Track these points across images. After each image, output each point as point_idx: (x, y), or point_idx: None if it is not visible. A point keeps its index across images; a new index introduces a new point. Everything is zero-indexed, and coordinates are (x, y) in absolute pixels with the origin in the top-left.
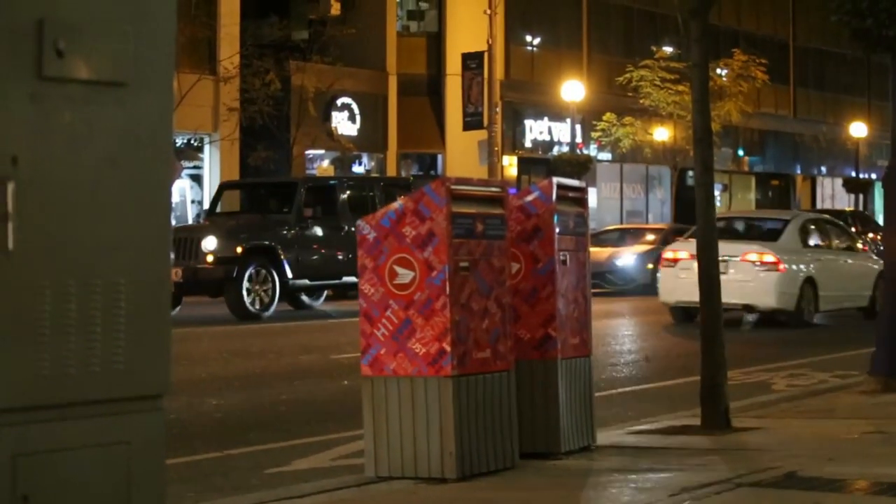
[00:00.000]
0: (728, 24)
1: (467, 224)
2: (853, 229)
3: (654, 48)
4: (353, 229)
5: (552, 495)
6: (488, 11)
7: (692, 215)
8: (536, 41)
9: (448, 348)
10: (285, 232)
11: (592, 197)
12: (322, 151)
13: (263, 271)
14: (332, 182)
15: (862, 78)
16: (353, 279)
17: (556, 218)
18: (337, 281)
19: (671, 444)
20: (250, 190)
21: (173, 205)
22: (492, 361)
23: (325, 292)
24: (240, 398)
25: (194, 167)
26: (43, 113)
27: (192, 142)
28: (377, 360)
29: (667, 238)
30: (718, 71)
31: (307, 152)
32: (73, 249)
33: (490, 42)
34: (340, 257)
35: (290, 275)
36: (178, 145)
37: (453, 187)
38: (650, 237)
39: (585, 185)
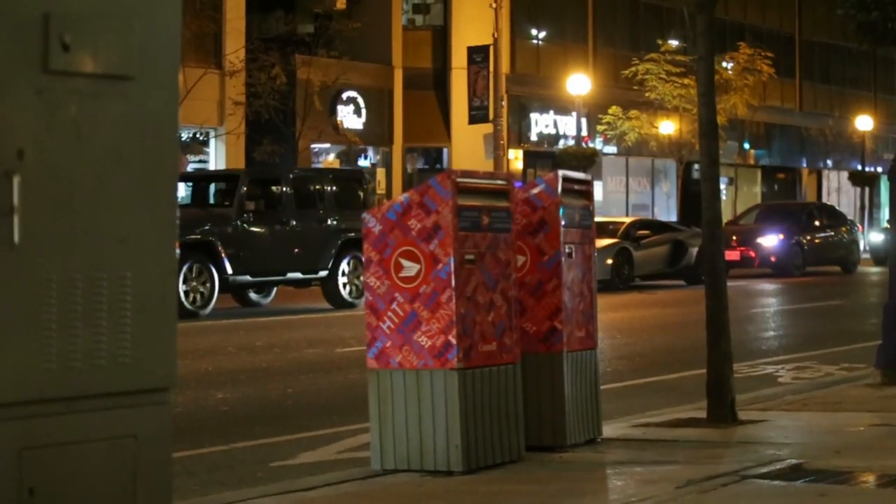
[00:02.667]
0: (734, 18)
1: (473, 217)
2: (817, 223)
3: (659, 41)
4: (298, 224)
5: (558, 488)
6: (494, 5)
7: (698, 209)
8: (542, 35)
9: (454, 341)
10: (225, 226)
11: (598, 190)
12: (328, 145)
13: (201, 267)
14: (277, 174)
15: (868, 71)
16: (298, 275)
17: (561, 211)
18: (281, 277)
19: (677, 436)
20: (195, 183)
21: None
22: (497, 354)
23: (275, 289)
24: (246, 392)
25: (200, 161)
26: (49, 106)
27: (197, 136)
28: (383, 353)
29: (629, 233)
30: (724, 64)
31: (313, 146)
32: (78, 243)
33: (496, 36)
34: (286, 253)
35: (229, 271)
36: (183, 139)
37: (459, 180)
38: (611, 231)
39: (591, 178)
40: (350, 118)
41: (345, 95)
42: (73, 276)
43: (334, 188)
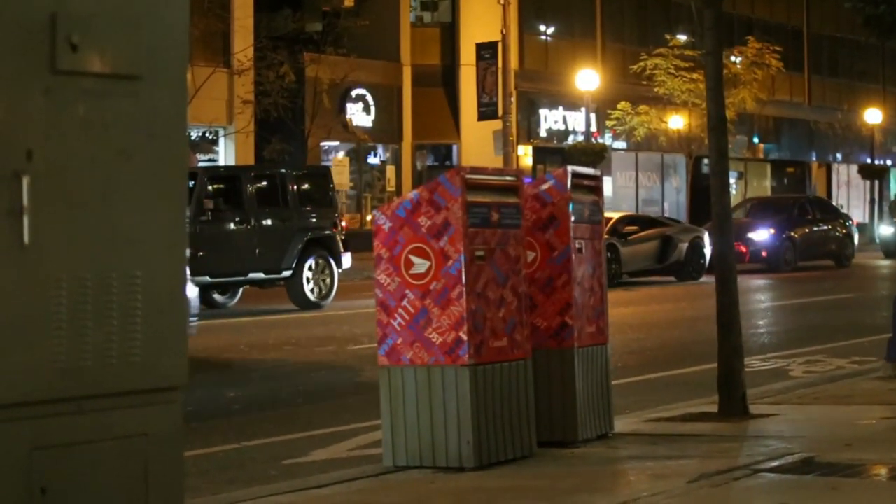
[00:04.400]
0: (742, 12)
1: (483, 213)
2: (809, 216)
3: (668, 36)
4: (260, 223)
5: (570, 483)
6: (502, 1)
7: (708, 203)
8: (550, 30)
9: (465, 337)
10: None
11: (608, 186)
12: (337, 143)
13: None
14: (237, 172)
15: (876, 65)
16: (260, 275)
17: (571, 206)
18: (243, 278)
19: (689, 431)
20: None
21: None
22: (508, 350)
23: (241, 291)
24: (257, 390)
25: (209, 160)
26: (57, 107)
27: (206, 135)
28: (394, 350)
29: (616, 229)
30: (732, 59)
31: (322, 144)
32: (88, 242)
33: (504, 32)
34: (247, 253)
35: (187, 272)
36: (192, 138)
37: (468, 176)
38: None
39: (600, 173)
40: (359, 116)
41: (353, 93)
42: (83, 275)
43: (299, 186)
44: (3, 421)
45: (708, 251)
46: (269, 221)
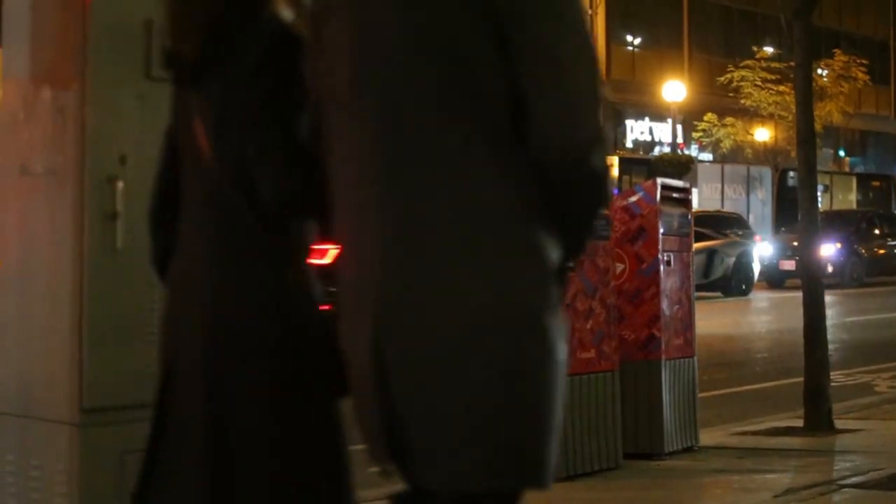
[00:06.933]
0: (828, 25)
1: None
2: (877, 231)
3: (754, 48)
4: None
5: (656, 495)
6: (589, 11)
7: (794, 216)
8: (637, 41)
9: None
10: None
11: (694, 198)
12: None
13: None
14: None
15: None
16: None
17: (660, 218)
18: None
19: (774, 445)
20: None
21: None
22: (596, 361)
23: None
24: None
25: None
26: (151, 113)
27: None
28: None
29: None
30: (819, 71)
31: None
32: None
33: None
34: None
35: None
36: None
37: None
38: None
39: (689, 185)
40: None
41: None
42: None
43: None
44: (95, 425)
45: (757, 266)
46: None
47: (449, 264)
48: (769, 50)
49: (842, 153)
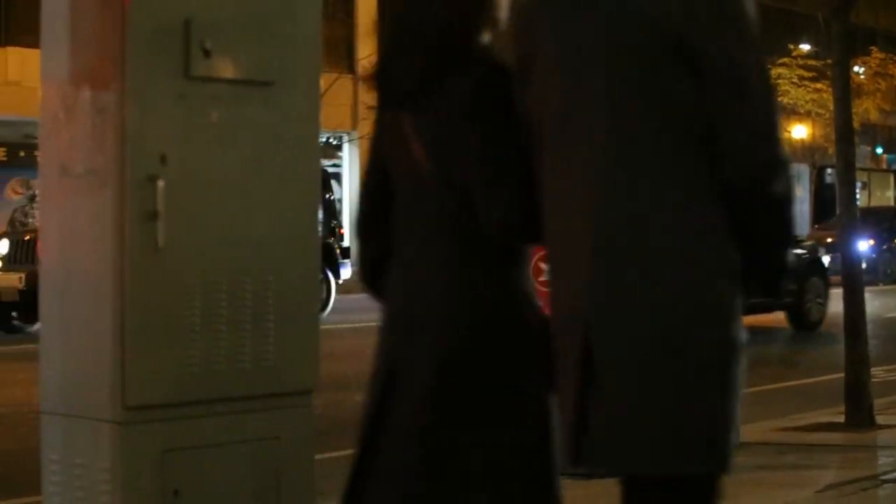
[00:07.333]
0: (865, 23)
1: None
2: None
3: (791, 46)
4: None
5: None
6: None
7: (832, 213)
8: None
9: None
10: None
11: None
12: None
13: None
14: None
15: None
16: None
17: None
18: None
19: (816, 440)
20: None
21: None
22: None
23: None
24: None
25: (333, 165)
26: (190, 112)
27: (330, 140)
28: None
29: None
30: (856, 69)
31: None
32: (221, 247)
33: None
34: None
35: None
36: None
37: None
38: None
39: None
40: None
41: None
42: (217, 279)
43: None
44: (138, 423)
45: None
46: None
47: (661, 275)
48: (806, 47)
49: (879, 150)
